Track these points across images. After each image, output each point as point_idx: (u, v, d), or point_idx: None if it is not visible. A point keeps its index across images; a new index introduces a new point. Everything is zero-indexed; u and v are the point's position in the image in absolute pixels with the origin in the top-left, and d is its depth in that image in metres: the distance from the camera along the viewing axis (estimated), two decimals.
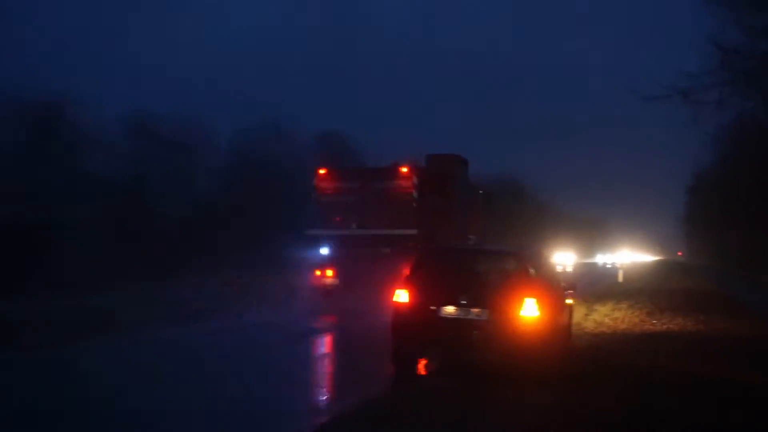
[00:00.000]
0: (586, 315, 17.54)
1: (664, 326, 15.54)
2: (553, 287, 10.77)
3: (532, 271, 10.01)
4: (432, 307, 9.55)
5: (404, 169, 17.60)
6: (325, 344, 13.76)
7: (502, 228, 49.54)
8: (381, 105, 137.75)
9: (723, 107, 15.93)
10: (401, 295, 9.84)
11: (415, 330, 9.67)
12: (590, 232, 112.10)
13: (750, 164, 35.67)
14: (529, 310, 9.25)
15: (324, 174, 18.31)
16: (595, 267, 64.74)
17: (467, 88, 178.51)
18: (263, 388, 9.22)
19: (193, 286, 24.04)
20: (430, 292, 9.74)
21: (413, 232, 17.06)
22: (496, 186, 52.77)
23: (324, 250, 18.03)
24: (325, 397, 9.03)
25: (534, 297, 9.33)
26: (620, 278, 33.34)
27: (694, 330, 14.90)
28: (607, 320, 16.59)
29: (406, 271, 10.26)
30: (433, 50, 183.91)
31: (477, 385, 8.98)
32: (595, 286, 30.57)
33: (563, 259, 41.56)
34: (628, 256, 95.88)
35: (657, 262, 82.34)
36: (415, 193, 17.48)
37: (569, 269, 35.00)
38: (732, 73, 15.82)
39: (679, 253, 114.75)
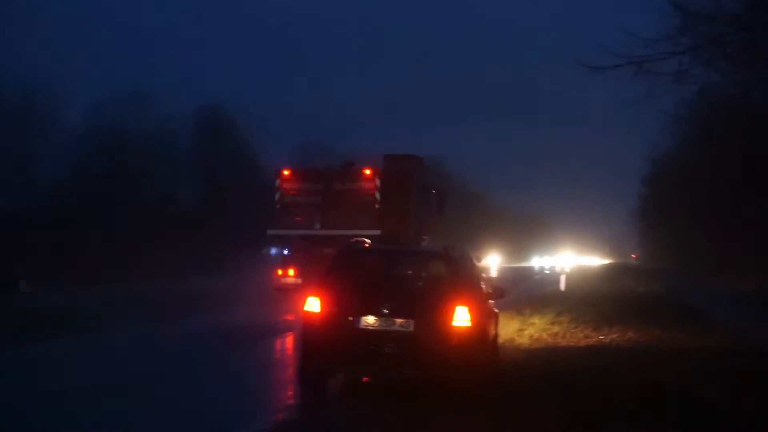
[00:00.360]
0: (521, 329, 18.50)
1: (613, 342, 16.67)
2: (482, 294, 11.55)
3: (462, 275, 10.72)
4: (349, 318, 10.00)
5: (367, 171, 21.73)
6: (260, 353, 15.43)
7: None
8: (273, 78, 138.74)
9: (683, 80, 16.83)
10: (313, 304, 10.18)
11: (329, 345, 10.00)
12: (526, 231, 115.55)
13: (715, 146, 37.87)
14: (460, 320, 9.81)
15: (288, 174, 22.13)
16: (530, 272, 66.86)
17: (376, 58, 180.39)
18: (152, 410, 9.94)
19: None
20: (347, 300, 10.16)
21: (376, 232, 19.89)
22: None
23: (285, 250, 22.26)
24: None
25: (465, 305, 9.91)
26: (562, 285, 34.90)
27: (645, 345, 16.10)
28: (545, 335, 17.58)
29: (321, 276, 10.73)
30: (333, 17, 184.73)
31: (398, 410, 9.52)
32: (532, 294, 31.94)
33: (487, 261, 43.53)
34: (572, 259, 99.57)
35: (607, 267, 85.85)
36: (377, 194, 21.47)
37: (493, 274, 36.52)
38: (694, 39, 16.78)
39: (634, 256, 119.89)
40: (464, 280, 10.70)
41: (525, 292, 33.85)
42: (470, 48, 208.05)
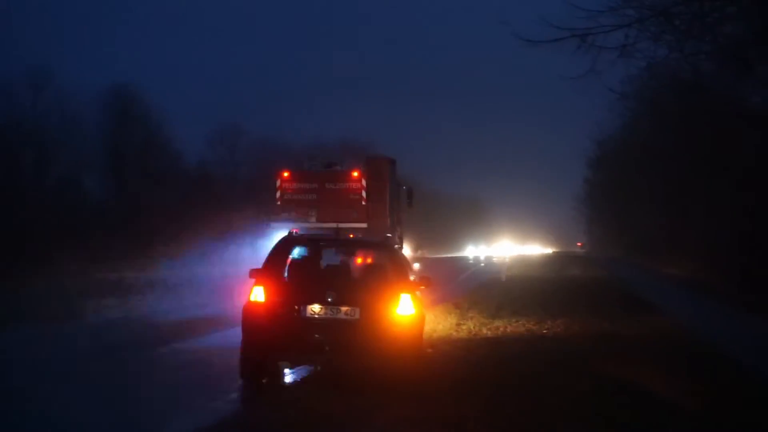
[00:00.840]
0: (459, 324, 18.74)
1: (556, 334, 17.09)
2: (415, 283, 12.22)
3: (403, 261, 11.70)
4: (295, 307, 10.85)
5: (355, 174, 26.84)
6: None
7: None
8: (188, 58, 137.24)
9: (629, 54, 17.16)
10: (257, 293, 10.99)
11: (275, 334, 10.79)
12: (462, 218, 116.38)
13: (663, 126, 38.74)
14: (404, 308, 10.84)
15: (287, 176, 27.81)
16: (464, 262, 67.29)
17: (298, 38, 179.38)
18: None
19: None
20: (292, 290, 11.16)
21: (363, 225, 25.22)
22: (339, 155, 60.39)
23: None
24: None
25: (409, 293, 10.96)
26: (503, 276, 35.40)
27: (590, 334, 16.54)
28: (485, 330, 17.87)
29: (265, 265, 11.52)
30: None
31: (335, 399, 10.11)
32: (471, 286, 32.32)
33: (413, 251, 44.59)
34: (513, 248, 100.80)
35: (551, 256, 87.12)
36: (363, 193, 26.50)
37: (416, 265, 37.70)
38: (640, 10, 17.12)
39: (579, 244, 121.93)
40: (404, 267, 11.66)
41: (463, 283, 34.22)
42: (398, 22, 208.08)
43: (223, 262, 30.14)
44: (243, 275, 11.83)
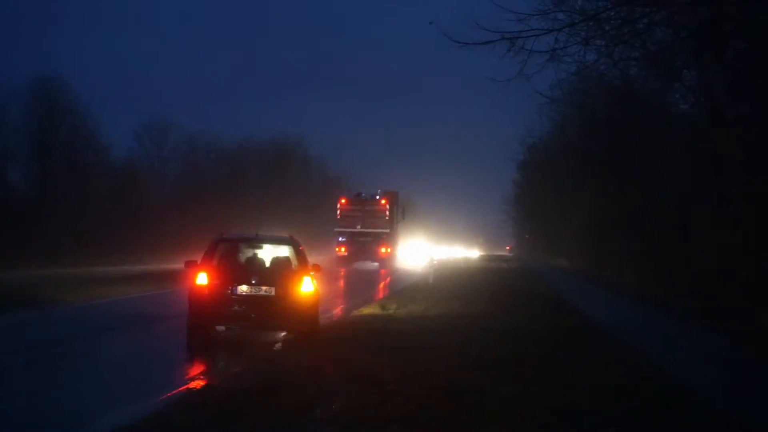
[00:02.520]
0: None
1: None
2: (314, 269, 16.22)
3: (304, 253, 16.13)
4: (229, 287, 15.09)
5: (383, 201, 51.07)
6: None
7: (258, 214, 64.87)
8: (115, 50, 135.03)
9: (558, 58, 17.18)
10: (201, 278, 15.17)
11: (214, 307, 15.04)
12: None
13: (592, 131, 39.09)
14: (306, 286, 15.33)
15: (344, 202, 51.08)
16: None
17: (225, 32, 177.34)
18: None
19: None
20: (225, 275, 15.34)
21: (387, 230, 51.07)
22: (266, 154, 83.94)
23: (341, 238, 51.27)
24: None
25: (309, 275, 15.49)
26: (431, 278, 35.34)
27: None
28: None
29: (203, 258, 15.67)
30: None
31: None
32: (398, 287, 32.18)
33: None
34: (438, 251, 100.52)
35: (472, 260, 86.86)
36: (387, 213, 50.61)
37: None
38: (570, 14, 17.16)
39: (508, 248, 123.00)
40: (305, 258, 16.05)
41: (391, 285, 34.18)
42: (331, 18, 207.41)
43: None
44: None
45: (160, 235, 62.82)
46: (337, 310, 23.03)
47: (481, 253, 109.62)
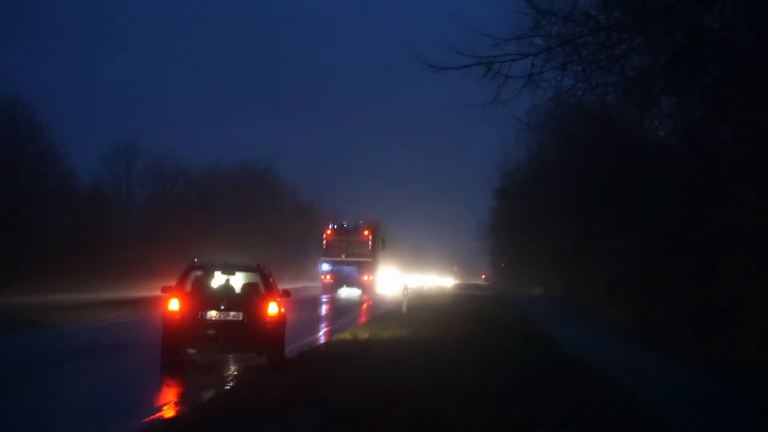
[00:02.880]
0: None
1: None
2: (281, 295, 17.68)
3: (271, 280, 17.54)
4: (199, 312, 16.37)
5: (366, 232, 56.65)
6: None
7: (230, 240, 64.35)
8: (76, 68, 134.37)
9: (535, 83, 17.37)
10: (173, 304, 16.50)
11: (185, 331, 16.29)
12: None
13: (570, 158, 39.23)
14: (272, 310, 16.71)
15: (330, 232, 56.34)
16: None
17: (189, 55, 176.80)
18: None
19: None
20: (196, 300, 16.62)
21: (369, 259, 56.64)
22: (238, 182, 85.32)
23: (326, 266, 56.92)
24: None
25: (275, 300, 16.88)
26: (404, 307, 35.30)
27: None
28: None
29: (176, 284, 16.93)
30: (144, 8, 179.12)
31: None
32: (373, 315, 32.10)
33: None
34: (412, 279, 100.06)
35: (446, 289, 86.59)
36: (370, 243, 56.09)
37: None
38: (547, 39, 17.32)
39: (484, 277, 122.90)
40: (272, 285, 17.45)
41: (369, 311, 34.15)
42: (302, 41, 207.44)
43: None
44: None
45: (127, 262, 62.36)
46: (319, 335, 25.60)
47: (456, 282, 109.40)
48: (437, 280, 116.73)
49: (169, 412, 12.13)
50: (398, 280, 61.51)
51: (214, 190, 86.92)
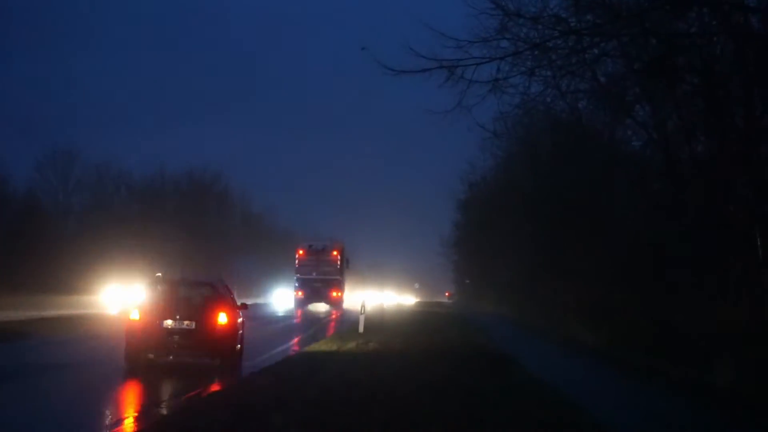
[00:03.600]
0: None
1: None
2: (235, 306, 21.04)
3: (222, 294, 20.60)
4: (157, 321, 19.12)
5: (335, 252, 65.10)
6: None
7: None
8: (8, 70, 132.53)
9: (501, 89, 17.18)
10: (134, 313, 19.63)
11: (145, 337, 19.05)
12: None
13: (537, 168, 39.28)
14: (221, 319, 19.56)
15: (302, 253, 64.35)
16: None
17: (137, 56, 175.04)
18: None
19: None
20: (154, 311, 19.40)
21: (338, 277, 65.06)
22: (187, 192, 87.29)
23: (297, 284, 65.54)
24: None
25: (224, 311, 19.72)
26: (361, 327, 35.02)
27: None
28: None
29: (139, 296, 20.56)
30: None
31: None
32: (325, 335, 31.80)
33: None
34: (370, 297, 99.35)
35: (406, 307, 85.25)
36: (338, 262, 64.54)
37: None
38: (515, 42, 17.18)
39: (447, 294, 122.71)
40: (223, 297, 20.57)
41: (316, 335, 33.84)
42: (253, 43, 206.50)
43: None
44: None
45: (64, 275, 61.65)
46: (284, 347, 27.74)
47: (418, 300, 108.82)
48: (397, 298, 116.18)
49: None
50: (358, 298, 63.01)
51: (158, 199, 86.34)
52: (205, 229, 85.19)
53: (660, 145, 23.24)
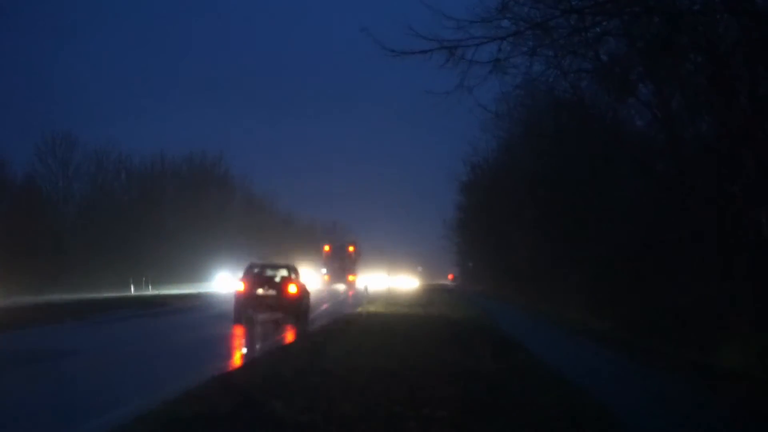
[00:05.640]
0: None
1: None
2: (301, 281, 31.52)
3: (295, 273, 31.49)
4: (253, 290, 29.46)
5: (351, 248, 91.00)
6: None
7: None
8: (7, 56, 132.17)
9: (503, 69, 17.13)
10: (240, 286, 29.83)
11: (245, 300, 29.30)
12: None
13: (539, 149, 39.12)
14: (291, 289, 29.72)
15: (327, 249, 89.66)
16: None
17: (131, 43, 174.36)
18: None
19: None
20: (252, 283, 29.75)
21: (353, 266, 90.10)
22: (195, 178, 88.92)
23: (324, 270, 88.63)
24: None
25: (294, 284, 30.03)
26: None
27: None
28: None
29: (243, 275, 31.35)
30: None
31: None
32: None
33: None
34: (372, 280, 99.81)
35: (408, 290, 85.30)
36: (354, 254, 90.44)
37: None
38: (516, 22, 17.07)
39: (450, 277, 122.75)
40: (293, 276, 30.81)
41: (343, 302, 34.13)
42: (254, 25, 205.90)
43: None
44: None
45: (64, 262, 61.78)
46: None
47: (420, 283, 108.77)
48: (400, 281, 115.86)
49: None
50: (363, 281, 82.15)
51: (158, 184, 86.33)
52: (206, 214, 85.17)
53: (664, 125, 23.14)
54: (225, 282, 64.64)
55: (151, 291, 60.02)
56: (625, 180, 28.42)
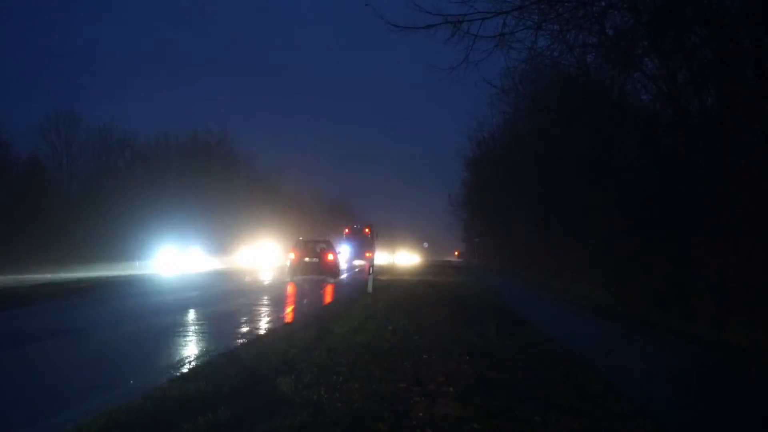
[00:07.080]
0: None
1: None
2: (335, 252, 49.26)
3: (330, 245, 49.30)
4: (302, 258, 45.42)
5: (367, 230, 74.08)
6: None
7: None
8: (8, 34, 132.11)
9: (508, 44, 17.16)
10: (291, 255, 46.03)
11: (296, 265, 45.14)
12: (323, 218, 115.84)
13: (545, 124, 39.18)
14: (329, 257, 46.52)
15: (348, 231, 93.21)
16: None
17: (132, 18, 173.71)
18: None
19: None
20: (301, 253, 45.87)
21: (370, 246, 67.23)
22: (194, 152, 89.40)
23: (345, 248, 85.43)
24: None
25: (331, 253, 47.17)
26: (370, 287, 35.18)
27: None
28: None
29: (293, 247, 47.68)
30: None
31: None
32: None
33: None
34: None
35: (411, 266, 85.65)
36: (371, 236, 68.45)
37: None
38: None
39: (456, 253, 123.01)
40: (330, 247, 48.16)
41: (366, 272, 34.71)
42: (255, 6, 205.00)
43: None
44: None
45: (69, 239, 61.98)
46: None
47: (426, 259, 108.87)
48: (403, 257, 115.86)
49: None
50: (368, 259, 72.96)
51: (162, 162, 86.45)
52: (211, 191, 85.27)
53: (670, 99, 23.11)
54: (167, 259, 62.07)
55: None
56: (632, 154, 28.38)
